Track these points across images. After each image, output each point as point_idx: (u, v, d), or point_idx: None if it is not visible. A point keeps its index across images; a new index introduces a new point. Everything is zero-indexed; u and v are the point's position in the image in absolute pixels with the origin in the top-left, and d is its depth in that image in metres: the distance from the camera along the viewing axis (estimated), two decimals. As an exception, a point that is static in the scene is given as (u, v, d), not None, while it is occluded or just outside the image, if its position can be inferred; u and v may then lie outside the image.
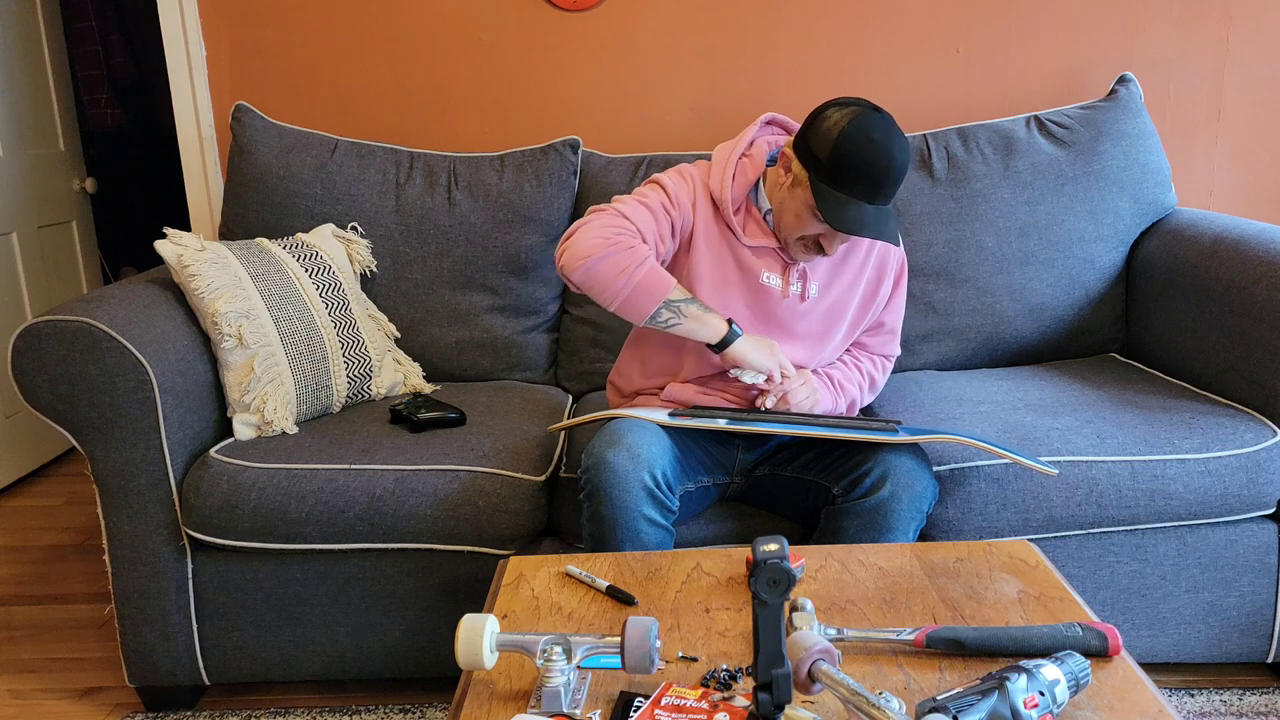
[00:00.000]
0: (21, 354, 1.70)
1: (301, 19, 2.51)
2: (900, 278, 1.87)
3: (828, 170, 1.59)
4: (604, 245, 1.63)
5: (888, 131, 1.58)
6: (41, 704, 1.97)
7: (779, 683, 0.97)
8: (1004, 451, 1.58)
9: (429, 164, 2.33)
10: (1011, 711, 0.95)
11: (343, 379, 2.02)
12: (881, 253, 1.83)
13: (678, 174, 1.78)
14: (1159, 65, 2.49)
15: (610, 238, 1.64)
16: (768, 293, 1.76)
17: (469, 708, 1.09)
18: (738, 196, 1.75)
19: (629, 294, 1.63)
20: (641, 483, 1.54)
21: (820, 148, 1.59)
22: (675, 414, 1.66)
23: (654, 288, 1.63)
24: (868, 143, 1.56)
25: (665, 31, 2.50)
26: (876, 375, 1.90)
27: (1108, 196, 2.24)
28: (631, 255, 1.63)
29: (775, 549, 0.97)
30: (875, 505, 1.60)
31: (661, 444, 1.60)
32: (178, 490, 1.79)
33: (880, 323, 1.88)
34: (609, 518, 1.54)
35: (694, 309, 1.67)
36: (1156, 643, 1.84)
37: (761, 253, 1.75)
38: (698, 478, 1.72)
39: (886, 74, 2.51)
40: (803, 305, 1.77)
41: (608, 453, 1.56)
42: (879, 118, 1.59)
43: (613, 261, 1.62)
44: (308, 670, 1.86)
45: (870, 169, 1.57)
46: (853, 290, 1.81)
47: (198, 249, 1.91)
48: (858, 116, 1.58)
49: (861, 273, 1.81)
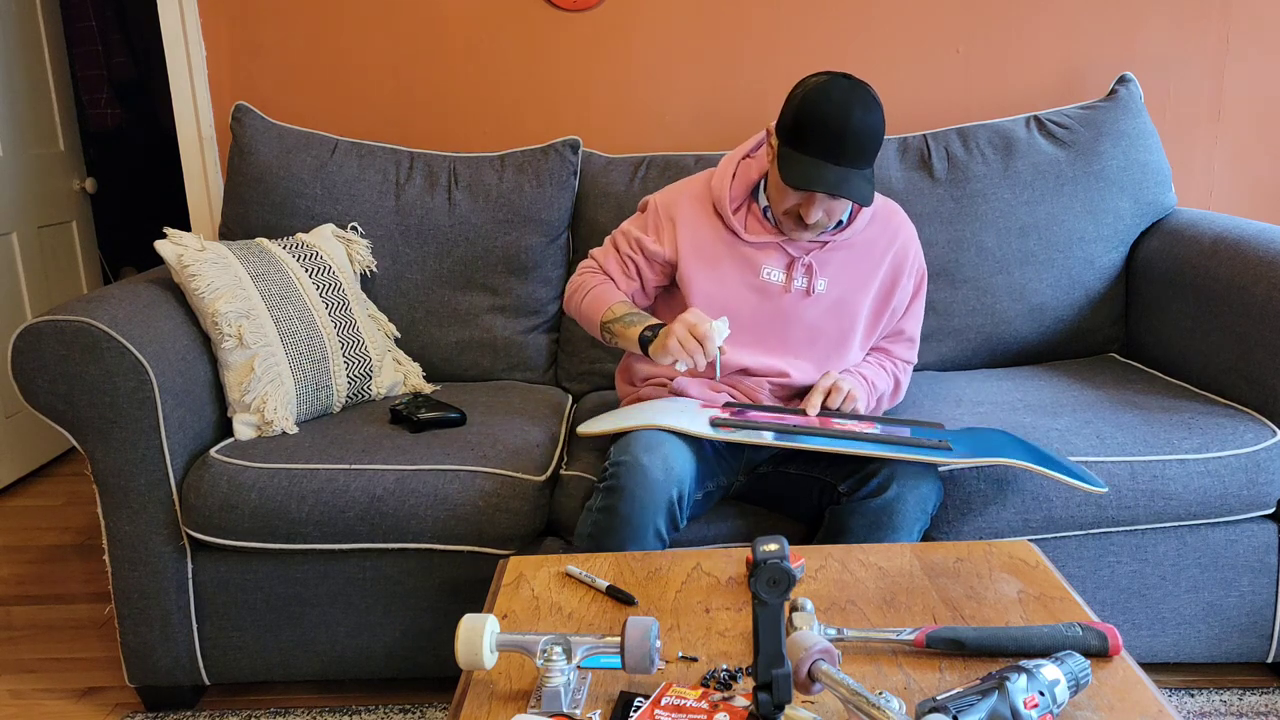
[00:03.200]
0: (21, 354, 1.70)
1: (301, 19, 2.51)
2: (920, 286, 1.88)
3: (790, 133, 1.63)
4: (568, 289, 1.91)
5: (850, 93, 1.59)
6: (41, 704, 1.97)
7: (779, 683, 0.97)
8: (1058, 475, 1.55)
9: (429, 164, 2.33)
10: (1011, 711, 0.95)
11: (343, 379, 2.02)
12: (898, 256, 1.83)
13: (665, 192, 1.89)
14: (1159, 65, 2.49)
15: (574, 280, 1.90)
16: (769, 288, 1.77)
17: (469, 708, 1.09)
18: (737, 195, 1.79)
19: (584, 323, 1.85)
20: (668, 496, 1.54)
21: (787, 115, 1.64)
22: (718, 423, 1.62)
23: (591, 313, 1.82)
24: (826, 102, 1.59)
25: (665, 31, 2.50)
26: (902, 379, 1.90)
27: (1108, 196, 2.24)
28: (580, 288, 1.86)
29: (775, 549, 0.97)
30: (881, 505, 1.59)
31: (690, 461, 1.60)
32: (178, 490, 1.78)
33: (900, 330, 1.89)
34: (624, 516, 1.54)
35: (619, 326, 1.76)
36: (1156, 643, 1.84)
37: (764, 248, 1.77)
38: (705, 484, 1.70)
39: (886, 74, 2.51)
40: (807, 300, 1.78)
41: (644, 456, 1.55)
42: (845, 81, 1.61)
43: (571, 299, 1.89)
44: (308, 670, 1.86)
45: (827, 126, 1.58)
46: (864, 289, 1.81)
47: (198, 249, 1.91)
48: (823, 82, 1.62)
49: (874, 273, 1.81)
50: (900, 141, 2.31)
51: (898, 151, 2.29)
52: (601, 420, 1.74)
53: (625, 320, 1.75)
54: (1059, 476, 1.54)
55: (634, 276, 1.85)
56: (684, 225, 1.80)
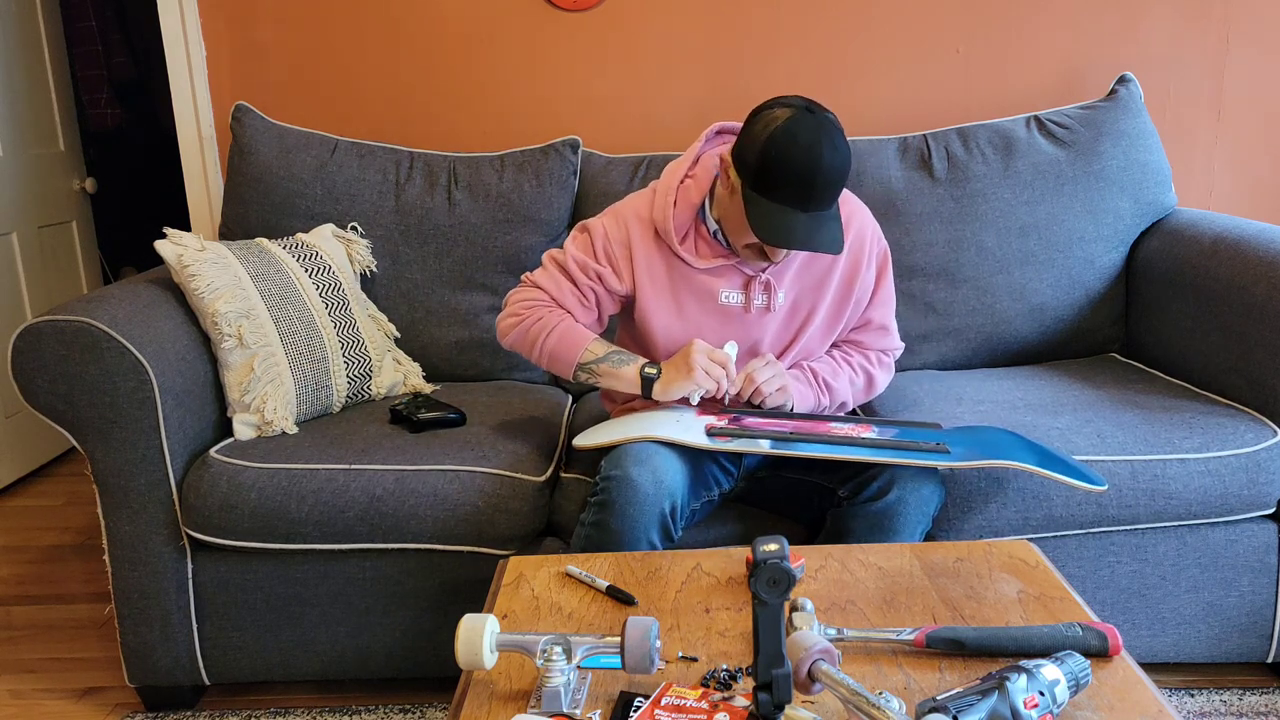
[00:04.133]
0: (21, 354, 1.70)
1: (301, 19, 2.51)
2: (884, 270, 1.80)
3: (755, 177, 1.54)
4: (515, 322, 1.75)
5: (818, 134, 1.50)
6: (41, 704, 1.97)
7: (779, 683, 0.97)
8: (1058, 475, 1.54)
9: (429, 164, 2.33)
10: (1011, 711, 0.95)
11: (343, 379, 2.02)
12: (854, 245, 1.76)
13: (612, 216, 1.76)
14: (1159, 65, 2.49)
15: (520, 313, 1.75)
16: (729, 312, 1.73)
17: (469, 708, 1.09)
18: (681, 224, 1.71)
19: (547, 363, 1.74)
20: (659, 509, 1.53)
21: (750, 154, 1.54)
22: (714, 433, 1.60)
23: (565, 355, 1.71)
24: (794, 146, 1.49)
25: (665, 31, 2.50)
26: (874, 371, 1.84)
27: (1108, 196, 2.24)
28: (540, 327, 1.72)
29: (775, 549, 0.97)
30: (882, 509, 1.59)
31: (683, 472, 1.59)
32: (178, 490, 1.78)
33: (868, 319, 1.82)
34: (616, 531, 1.53)
35: (605, 367, 1.69)
36: (1156, 643, 1.84)
37: (719, 272, 1.71)
38: (700, 493, 1.69)
39: (886, 74, 2.51)
40: (768, 316, 1.74)
41: (633, 470, 1.54)
42: (811, 119, 1.51)
43: (525, 336, 1.74)
44: (308, 670, 1.86)
45: (798, 175, 1.50)
46: (822, 289, 1.75)
47: (198, 249, 1.91)
48: (789, 119, 1.51)
49: (831, 271, 1.75)
50: (900, 141, 2.31)
51: (898, 151, 2.29)
52: (597, 432, 1.72)
53: (611, 360, 1.69)
54: (1058, 477, 1.54)
55: (592, 308, 1.75)
56: (639, 257, 1.72)
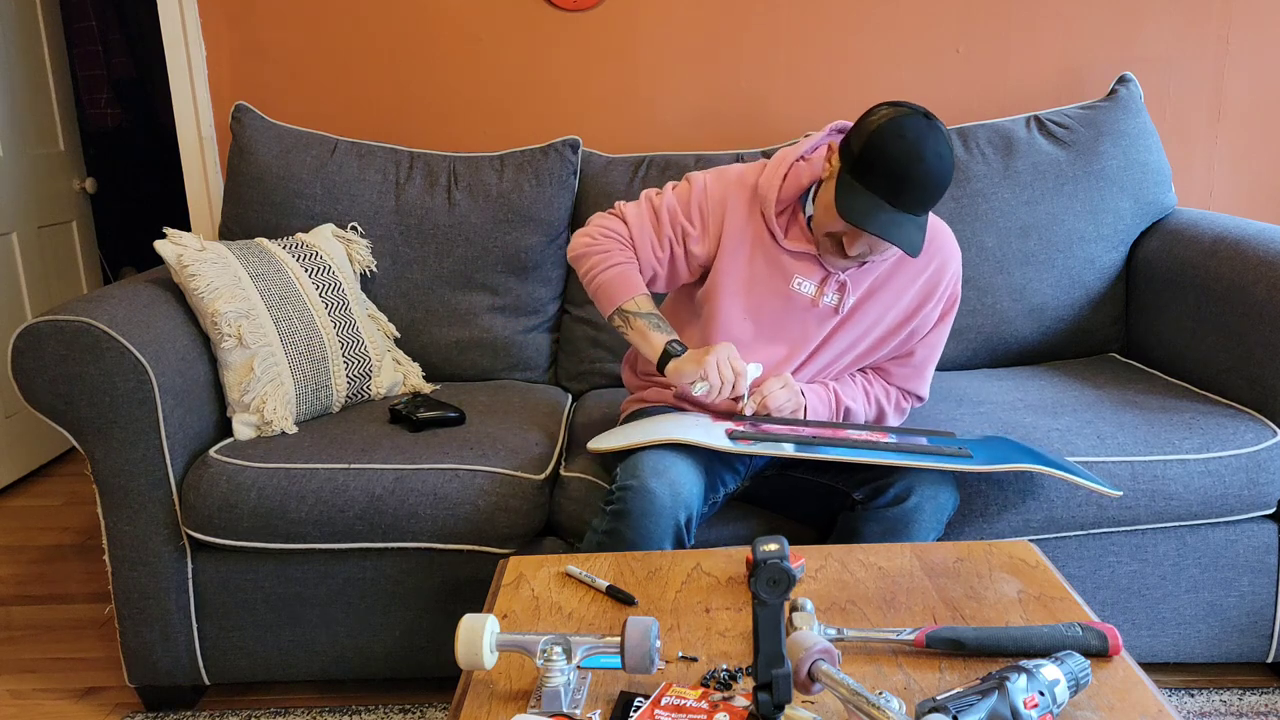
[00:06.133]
0: (21, 354, 1.70)
1: (301, 19, 2.51)
2: (947, 314, 1.79)
3: (855, 162, 1.56)
4: (587, 242, 1.77)
5: (925, 134, 1.51)
6: (41, 704, 1.97)
7: (779, 683, 0.97)
8: (1079, 479, 1.54)
9: (429, 164, 2.33)
10: (1011, 711, 0.95)
11: (342, 379, 2.02)
12: (933, 278, 1.75)
13: (717, 175, 1.77)
14: (1159, 65, 2.49)
15: (594, 238, 1.76)
16: (796, 299, 1.72)
17: (469, 708, 1.09)
18: (785, 199, 1.72)
19: (592, 291, 1.75)
20: (674, 520, 1.53)
21: (856, 141, 1.57)
22: (736, 436, 1.58)
23: (611, 293, 1.72)
24: (898, 139, 1.51)
25: (665, 31, 2.50)
26: (886, 405, 1.81)
27: (1108, 196, 2.24)
28: (604, 258, 1.73)
29: (775, 549, 0.97)
30: (899, 514, 1.58)
31: (699, 484, 1.58)
32: (178, 490, 1.78)
33: (910, 351, 1.80)
34: (630, 542, 1.53)
35: (641, 324, 1.70)
36: (1156, 643, 1.84)
37: (800, 258, 1.72)
38: (709, 496, 1.67)
39: (886, 74, 2.51)
40: (835, 318, 1.73)
41: (651, 481, 1.53)
42: (924, 121, 1.53)
43: (587, 261, 1.75)
44: (308, 670, 1.86)
45: (895, 166, 1.51)
46: (891, 308, 1.75)
47: (197, 249, 1.91)
48: (901, 115, 1.54)
49: (905, 290, 1.74)
50: (900, 141, 2.31)
51: (898, 151, 2.29)
52: (613, 435, 1.70)
53: (648, 320, 1.70)
54: (1079, 480, 1.54)
55: (664, 264, 1.75)
56: (731, 219, 1.73)
